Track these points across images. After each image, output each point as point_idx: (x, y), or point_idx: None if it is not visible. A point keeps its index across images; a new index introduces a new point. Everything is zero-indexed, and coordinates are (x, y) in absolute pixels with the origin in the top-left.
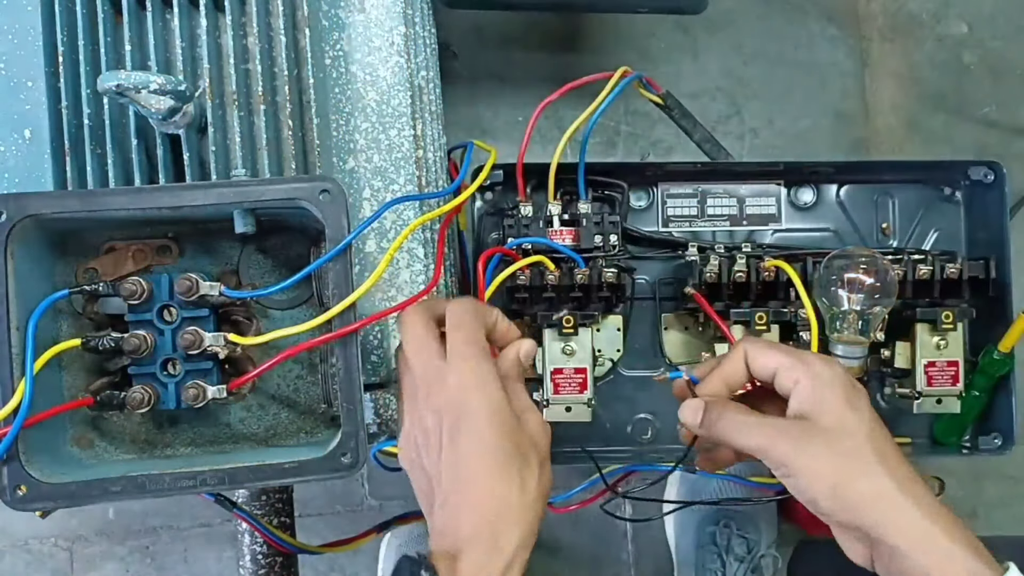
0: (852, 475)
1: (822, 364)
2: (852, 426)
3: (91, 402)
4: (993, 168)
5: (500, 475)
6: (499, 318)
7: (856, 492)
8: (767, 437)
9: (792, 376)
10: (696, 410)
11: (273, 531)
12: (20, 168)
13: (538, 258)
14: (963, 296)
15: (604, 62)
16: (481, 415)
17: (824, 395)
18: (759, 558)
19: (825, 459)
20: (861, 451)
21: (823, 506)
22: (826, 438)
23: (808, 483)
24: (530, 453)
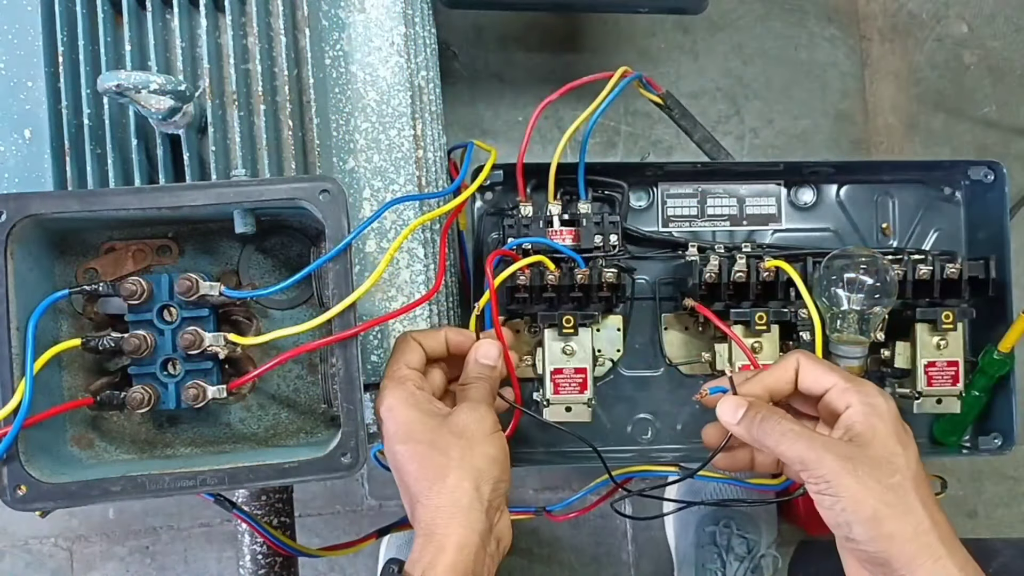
0: (895, 510)
1: (877, 394)
2: (901, 463)
3: (91, 402)
4: (993, 168)
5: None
6: (448, 334)
7: (896, 527)
8: (814, 450)
9: (846, 399)
10: (736, 408)
11: (272, 533)
12: (20, 168)
13: (538, 258)
14: (963, 296)
15: (604, 62)
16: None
17: (877, 425)
18: (759, 558)
19: (871, 486)
20: (906, 489)
21: (857, 531)
22: (875, 466)
23: (848, 505)
24: (447, 442)
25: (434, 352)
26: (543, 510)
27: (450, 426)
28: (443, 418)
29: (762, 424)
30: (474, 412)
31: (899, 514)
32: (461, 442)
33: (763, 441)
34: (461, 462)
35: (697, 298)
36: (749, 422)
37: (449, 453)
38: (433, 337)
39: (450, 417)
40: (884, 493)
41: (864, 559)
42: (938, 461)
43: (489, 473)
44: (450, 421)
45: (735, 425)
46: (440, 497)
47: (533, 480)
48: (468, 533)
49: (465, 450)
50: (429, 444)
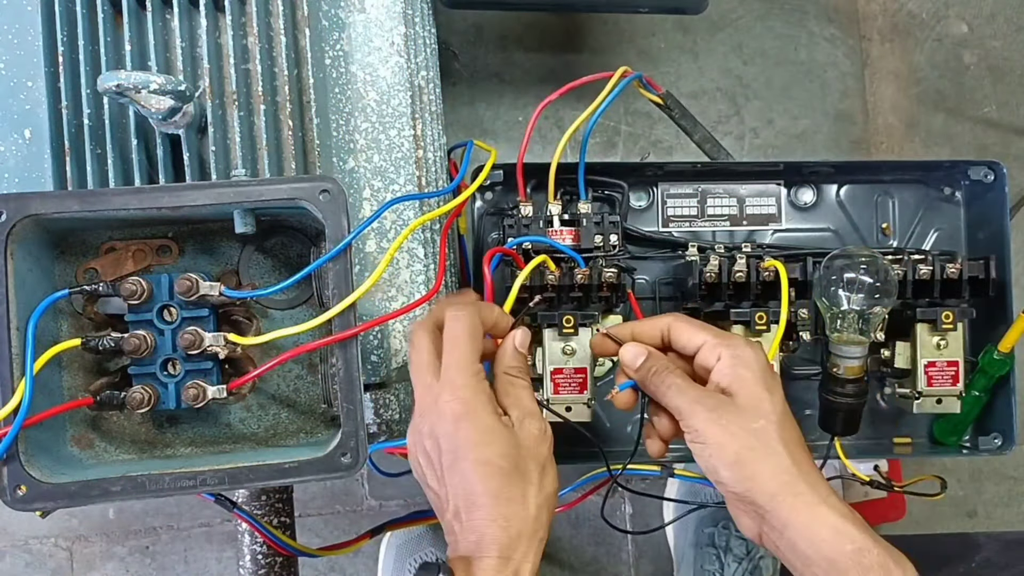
0: (756, 452)
1: (745, 345)
2: (766, 407)
3: (91, 402)
4: (993, 168)
5: (502, 496)
6: (499, 315)
7: (757, 468)
8: (687, 402)
9: (715, 352)
10: (638, 355)
11: (273, 532)
12: (20, 168)
13: (543, 258)
14: (963, 296)
15: (604, 62)
16: (474, 443)
17: (742, 373)
18: (758, 559)
19: (734, 432)
20: (768, 432)
21: (723, 475)
22: (739, 413)
23: (713, 451)
24: (528, 467)
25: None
26: None
27: (524, 444)
28: (512, 431)
29: (655, 376)
30: (542, 427)
31: (760, 456)
32: (536, 466)
33: (654, 392)
34: (540, 488)
35: (697, 298)
36: (646, 371)
37: (529, 477)
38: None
39: (522, 433)
40: (747, 438)
41: (735, 500)
42: (938, 461)
43: (554, 498)
44: (524, 439)
45: (635, 371)
46: (523, 524)
47: None
48: (537, 561)
49: (542, 476)
50: (514, 465)
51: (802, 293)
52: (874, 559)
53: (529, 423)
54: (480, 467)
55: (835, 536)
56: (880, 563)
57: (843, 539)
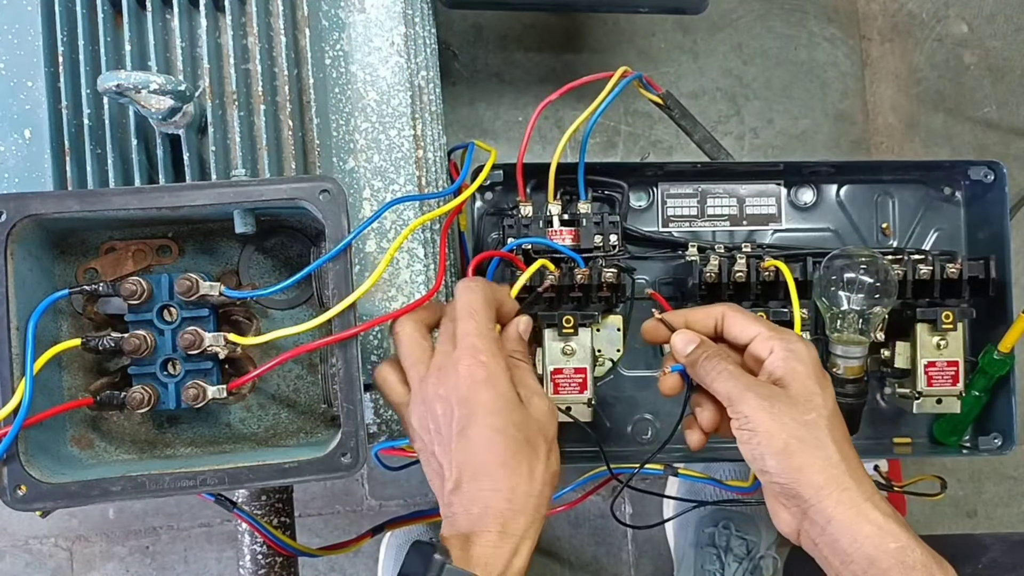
0: (806, 443)
1: (798, 340)
2: (818, 401)
3: (91, 402)
4: (993, 168)
5: (510, 466)
6: (507, 296)
7: (805, 460)
8: (739, 388)
9: (768, 345)
10: (689, 342)
11: (273, 532)
12: (20, 168)
13: (543, 262)
14: (963, 296)
15: (604, 62)
16: (491, 410)
17: (796, 367)
18: (758, 559)
19: (785, 422)
20: (819, 426)
21: (770, 464)
22: (791, 404)
23: (762, 439)
24: (538, 442)
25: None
26: None
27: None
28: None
29: (706, 361)
30: (550, 406)
31: (810, 448)
32: (544, 443)
33: (704, 378)
34: (546, 465)
35: (697, 299)
36: (697, 356)
37: (538, 452)
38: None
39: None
40: (797, 429)
41: (779, 492)
42: (938, 461)
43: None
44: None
45: (686, 356)
46: (527, 499)
47: None
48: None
49: (549, 452)
50: (525, 437)
51: (802, 293)
52: (917, 558)
53: (538, 401)
54: (493, 434)
55: (879, 533)
56: (923, 563)
57: (887, 537)
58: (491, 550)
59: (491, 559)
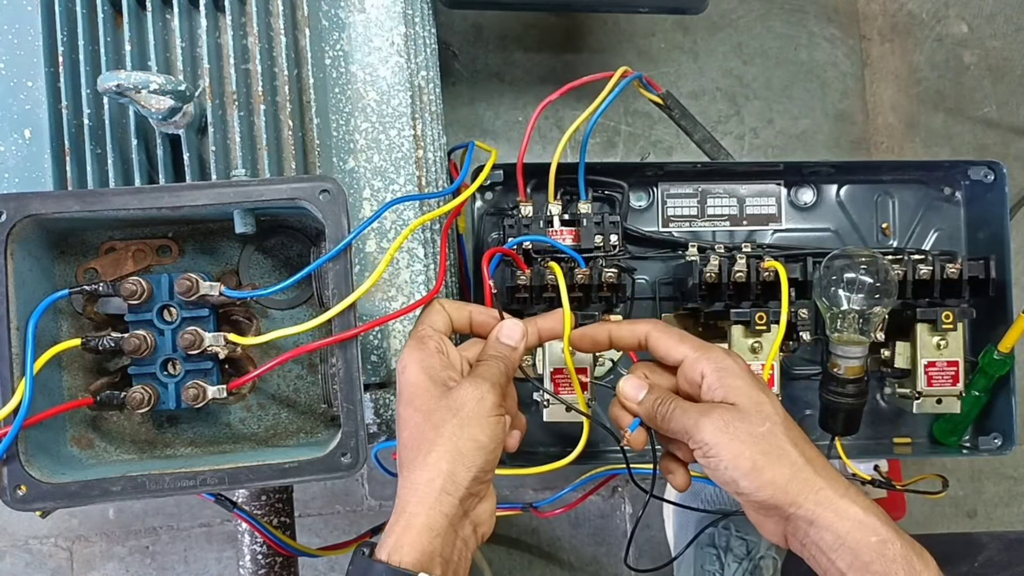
0: (770, 455)
1: (724, 355)
2: (767, 410)
3: (91, 402)
4: (993, 168)
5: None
6: (473, 311)
7: (774, 472)
8: (692, 418)
9: (698, 368)
10: (639, 388)
11: (273, 532)
12: (20, 168)
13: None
14: (963, 296)
15: (604, 62)
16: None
17: (734, 383)
18: (758, 559)
19: (744, 439)
20: (776, 434)
21: (743, 486)
22: (744, 419)
23: (728, 462)
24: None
25: (459, 324)
26: (530, 506)
27: (449, 400)
28: (447, 390)
29: (660, 406)
30: (475, 390)
31: (775, 459)
32: (454, 420)
33: (659, 423)
34: (448, 441)
35: (697, 298)
36: (651, 404)
37: (440, 429)
38: (460, 309)
39: (453, 391)
40: (758, 442)
41: (758, 508)
42: (938, 461)
43: (471, 459)
44: (451, 395)
45: (638, 403)
46: (419, 473)
47: (533, 480)
48: (437, 516)
49: (456, 429)
50: (425, 415)
51: (802, 293)
52: (897, 551)
53: (465, 383)
54: (400, 415)
55: (858, 528)
56: (903, 555)
57: (866, 531)
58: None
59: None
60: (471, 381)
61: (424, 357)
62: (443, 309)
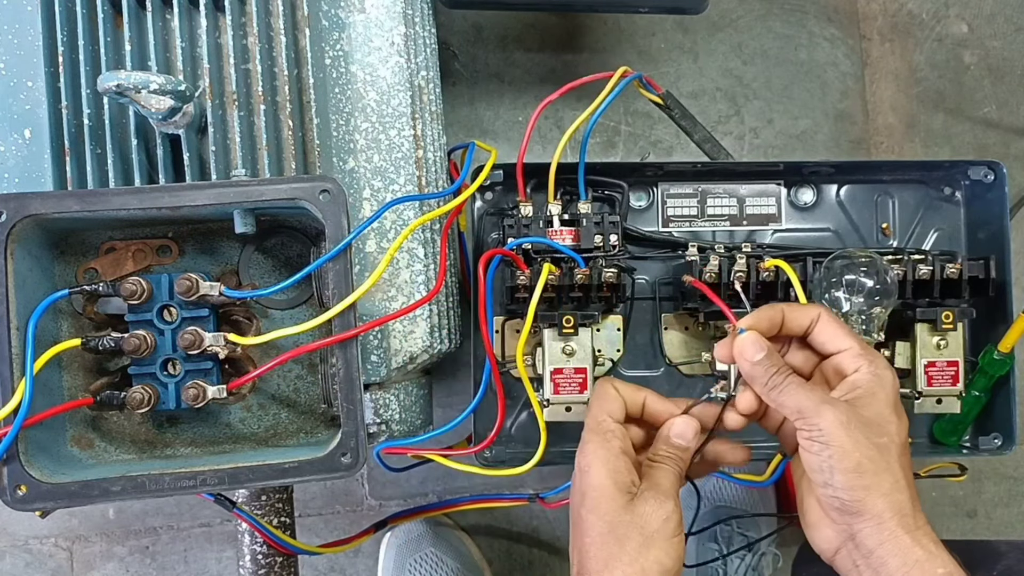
0: (877, 464)
1: (886, 366)
2: (892, 429)
3: (91, 402)
4: (993, 168)
5: (590, 553)
6: (648, 397)
7: (874, 481)
8: (813, 401)
9: (856, 363)
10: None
11: (273, 531)
12: (20, 168)
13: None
14: (963, 296)
15: (604, 62)
16: (583, 495)
17: (877, 391)
18: (760, 555)
19: (859, 441)
20: (891, 451)
21: (837, 479)
22: (866, 425)
23: (834, 454)
24: (629, 535)
25: (632, 410)
26: (536, 496)
27: (634, 513)
28: (631, 499)
29: (776, 375)
30: (661, 508)
31: (880, 470)
32: (639, 537)
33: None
34: (632, 560)
35: (697, 299)
36: (764, 369)
37: (625, 545)
38: (635, 393)
39: (637, 503)
40: (870, 449)
41: (836, 507)
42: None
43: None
44: (636, 508)
45: (754, 362)
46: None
47: (533, 479)
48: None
49: (641, 548)
50: (610, 526)
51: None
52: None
53: (650, 496)
54: (582, 518)
55: (928, 559)
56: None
57: (935, 562)
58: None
59: None
60: (655, 497)
61: (609, 458)
62: (618, 394)
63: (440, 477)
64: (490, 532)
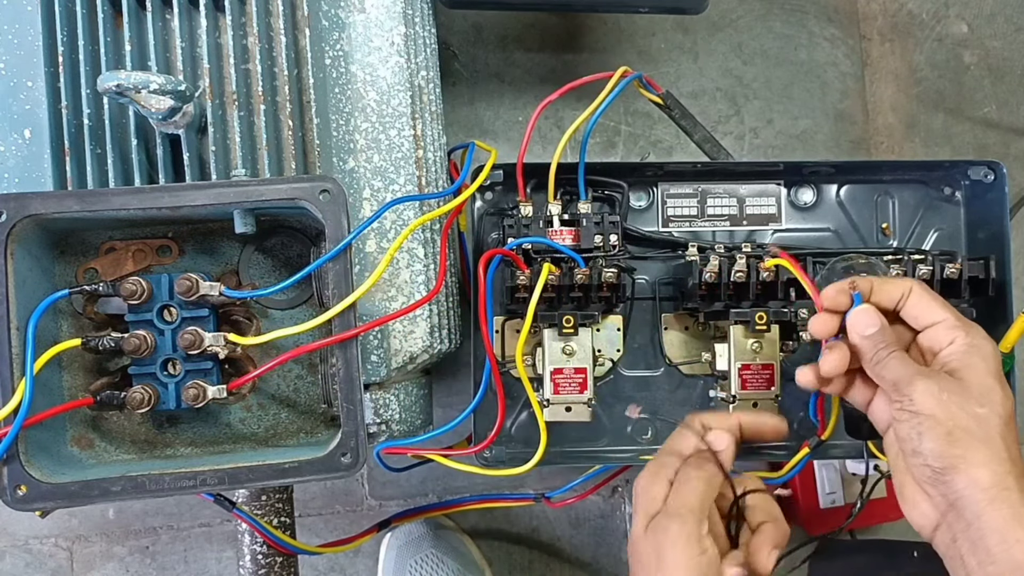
0: (973, 435)
1: (984, 336)
2: (995, 398)
3: (91, 402)
4: (993, 168)
5: None
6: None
7: (968, 450)
8: (908, 373)
9: (951, 335)
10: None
11: (271, 530)
12: (20, 168)
13: (549, 266)
14: (963, 296)
15: (604, 62)
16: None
17: (976, 362)
18: None
19: (953, 410)
20: (991, 422)
21: (926, 446)
22: (964, 395)
23: (923, 421)
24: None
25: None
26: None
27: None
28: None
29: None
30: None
31: (976, 441)
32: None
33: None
34: None
35: (697, 298)
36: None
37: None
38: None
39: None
40: (966, 419)
41: (927, 479)
42: None
43: None
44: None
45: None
46: None
47: (533, 479)
48: None
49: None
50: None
51: (801, 293)
52: None
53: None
54: None
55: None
56: None
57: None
58: None
59: None
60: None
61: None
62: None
63: (440, 477)
64: (490, 532)
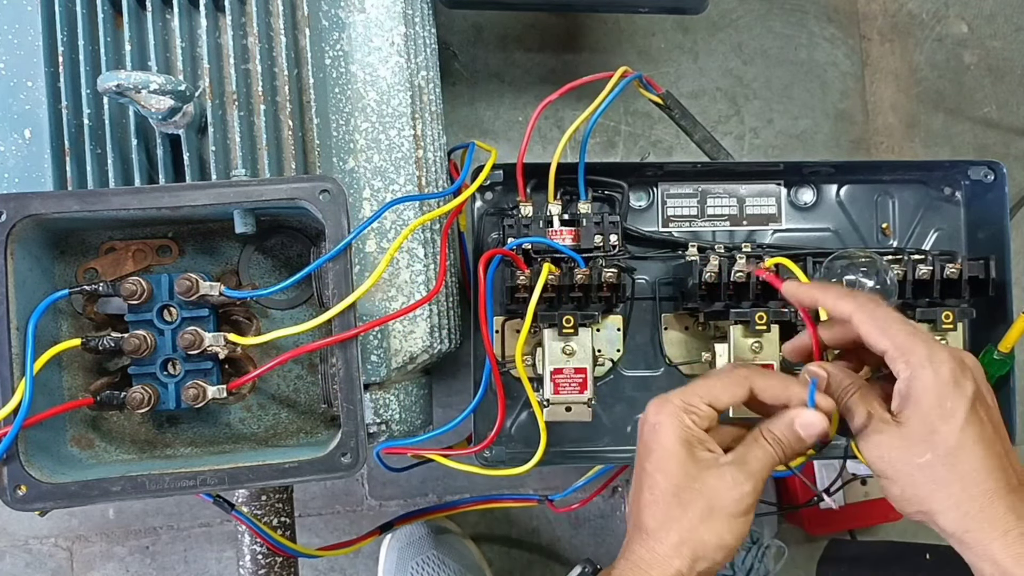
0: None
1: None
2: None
3: (91, 402)
4: (993, 168)
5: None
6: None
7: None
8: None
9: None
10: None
11: (271, 534)
12: (20, 168)
13: (549, 267)
14: (963, 296)
15: (604, 62)
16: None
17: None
18: (764, 548)
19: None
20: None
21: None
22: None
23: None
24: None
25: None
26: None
27: (704, 483)
28: (704, 466)
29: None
30: (737, 488)
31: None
32: (704, 506)
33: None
34: (693, 527)
35: (697, 298)
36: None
37: (687, 510)
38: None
39: (711, 473)
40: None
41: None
42: None
43: (712, 556)
44: (707, 479)
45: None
46: (657, 546)
47: (533, 480)
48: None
49: (704, 518)
50: (675, 489)
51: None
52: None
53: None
54: (647, 472)
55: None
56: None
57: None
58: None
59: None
60: (736, 474)
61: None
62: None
63: (440, 477)
64: (490, 533)
